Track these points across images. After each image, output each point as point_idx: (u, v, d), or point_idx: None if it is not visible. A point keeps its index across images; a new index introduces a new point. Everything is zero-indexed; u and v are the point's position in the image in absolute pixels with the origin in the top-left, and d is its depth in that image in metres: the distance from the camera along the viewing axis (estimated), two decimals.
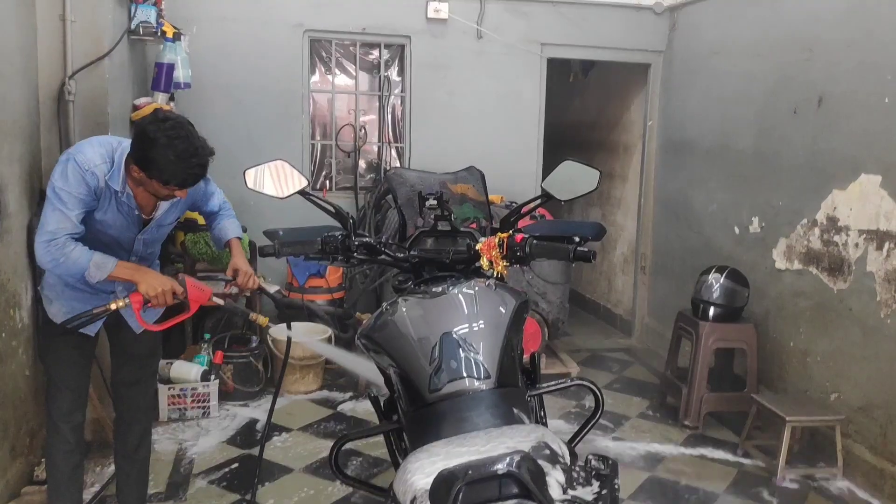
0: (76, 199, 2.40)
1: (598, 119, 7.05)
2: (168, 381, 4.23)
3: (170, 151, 2.34)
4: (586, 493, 1.37)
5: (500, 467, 1.25)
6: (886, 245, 3.59)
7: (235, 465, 3.76)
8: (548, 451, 1.43)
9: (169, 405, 4.20)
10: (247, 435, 4.11)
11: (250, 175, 2.22)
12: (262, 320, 2.74)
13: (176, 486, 3.50)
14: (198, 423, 4.22)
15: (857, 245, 3.78)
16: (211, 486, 3.54)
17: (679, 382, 4.52)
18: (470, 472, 1.24)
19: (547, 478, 1.34)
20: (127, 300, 2.43)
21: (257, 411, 4.41)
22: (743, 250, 4.77)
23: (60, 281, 2.63)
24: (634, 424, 4.49)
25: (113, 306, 2.42)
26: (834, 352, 3.96)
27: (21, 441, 3.23)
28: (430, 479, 1.30)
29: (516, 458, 1.27)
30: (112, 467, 3.37)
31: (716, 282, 4.36)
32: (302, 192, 2.22)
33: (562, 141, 7.23)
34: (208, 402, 4.29)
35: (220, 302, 2.59)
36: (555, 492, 1.33)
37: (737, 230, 4.85)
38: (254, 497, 3.34)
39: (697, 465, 3.96)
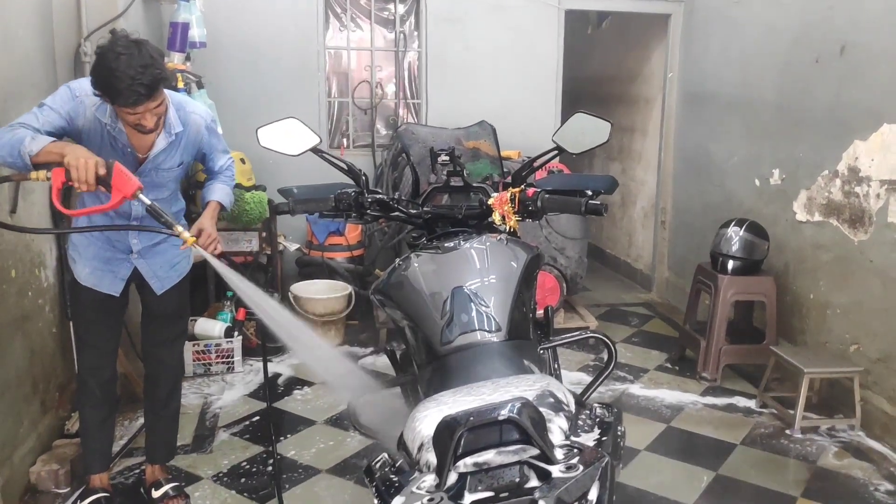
0: (53, 112, 2.40)
1: (618, 72, 6.95)
2: (193, 337, 4.31)
3: (114, 67, 2.25)
4: (588, 439, 1.40)
5: (502, 413, 1.28)
6: None
7: (257, 417, 3.86)
8: (551, 399, 1.45)
9: (194, 361, 4.29)
10: (270, 389, 4.19)
11: (263, 133, 2.25)
12: (187, 236, 2.48)
13: (202, 438, 3.60)
14: (222, 378, 4.32)
15: (878, 196, 3.73)
16: (235, 437, 3.63)
17: (698, 335, 4.53)
18: (472, 418, 1.27)
19: (549, 424, 1.37)
20: (48, 173, 2.30)
21: (281, 366, 4.50)
22: (763, 203, 4.72)
23: (83, 240, 2.69)
24: (653, 377, 4.52)
25: (32, 176, 2.30)
26: (854, 304, 3.94)
27: (51, 395, 3.33)
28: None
29: (517, 404, 1.29)
30: (141, 420, 3.48)
31: (735, 235, 4.34)
32: (314, 150, 2.24)
33: (580, 95, 7.15)
34: (232, 357, 4.38)
35: (147, 201, 2.39)
36: (556, 437, 1.36)
37: (757, 183, 4.80)
38: (274, 450, 3.43)
39: (715, 416, 3.98)
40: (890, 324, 3.68)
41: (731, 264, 4.33)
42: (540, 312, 2.19)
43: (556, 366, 2.21)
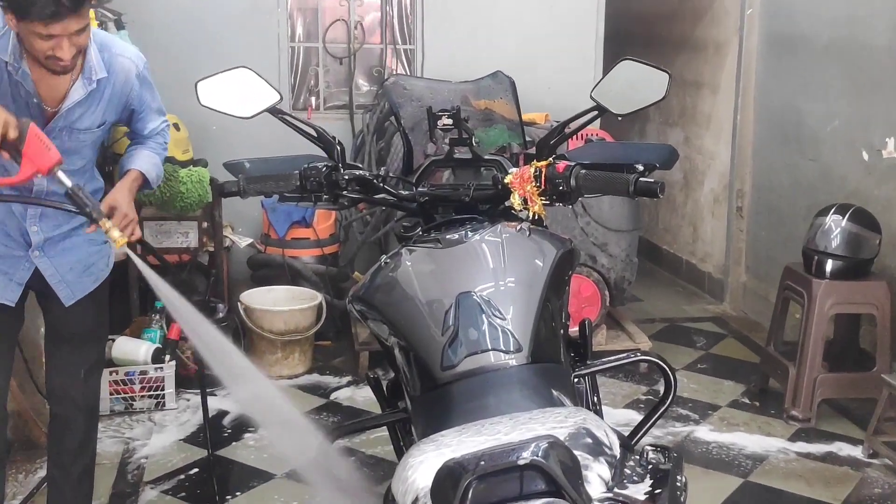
0: None
1: (679, 8, 6.96)
2: (110, 363, 4.33)
3: None
4: (637, 490, 1.42)
5: (522, 456, 1.29)
6: None
7: (196, 469, 3.88)
8: (589, 440, 1.47)
9: (112, 394, 4.31)
10: (213, 431, 4.21)
11: (205, 88, 2.26)
12: (116, 236, 2.47)
13: (121, 496, 3.63)
14: (149, 417, 4.34)
15: None
16: (166, 496, 3.65)
17: (786, 361, 4.54)
18: (482, 462, 1.28)
19: (585, 472, 1.39)
20: None
21: (226, 401, 4.51)
22: (874, 182, 4.74)
23: None
24: (725, 415, 4.54)
25: None
26: None
27: None
28: None
29: (543, 444, 1.31)
30: (41, 473, 3.50)
31: (836, 225, 4.35)
32: (272, 110, 2.25)
33: (629, 39, 7.17)
34: (162, 389, 4.40)
35: (67, 181, 2.38)
36: (595, 489, 1.38)
37: (866, 155, 4.81)
38: None
39: (808, 468, 4.01)
40: None
41: (830, 265, 4.35)
42: (574, 329, 2.20)
43: (595, 399, 2.22)
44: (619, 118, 2.26)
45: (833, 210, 4.42)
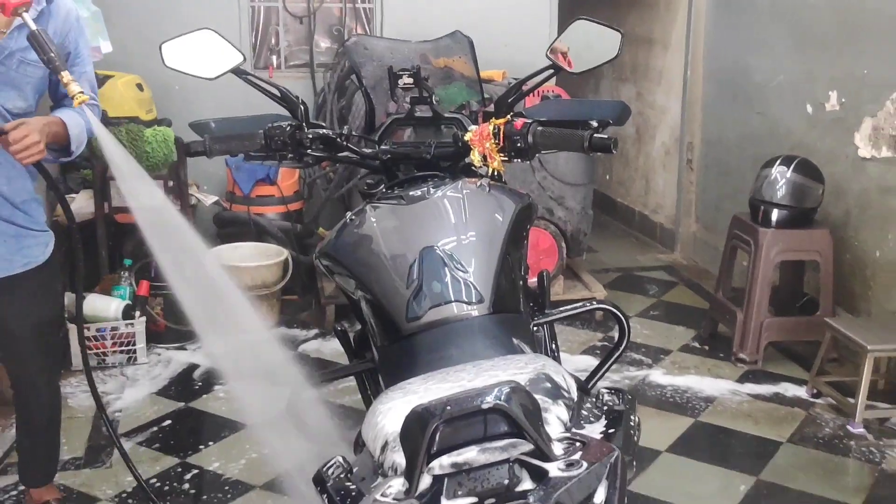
0: None
1: None
2: (83, 319, 4.30)
3: None
4: (593, 430, 1.45)
5: (486, 401, 1.32)
6: None
7: (169, 421, 3.89)
8: (548, 384, 1.50)
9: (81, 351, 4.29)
10: (184, 384, 4.25)
11: (169, 50, 2.24)
12: (75, 90, 2.34)
13: (97, 449, 3.63)
14: (122, 372, 4.34)
15: None
16: (140, 447, 3.66)
17: (733, 306, 4.62)
18: (448, 407, 1.31)
19: (545, 414, 1.42)
20: None
21: (197, 355, 4.52)
22: (817, 135, 4.80)
23: None
24: (677, 359, 4.62)
25: None
26: None
27: None
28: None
29: (505, 389, 1.33)
30: (13, 430, 3.48)
31: (781, 176, 4.40)
32: (236, 71, 2.23)
33: None
34: (134, 344, 4.39)
35: (32, 24, 2.25)
36: (554, 430, 1.41)
37: (810, 109, 4.86)
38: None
39: (755, 408, 4.09)
40: None
41: (775, 214, 4.41)
42: (533, 280, 2.23)
43: (553, 346, 2.26)
44: (575, 76, 2.28)
45: (778, 162, 4.47)
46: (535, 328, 2.03)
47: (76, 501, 3.22)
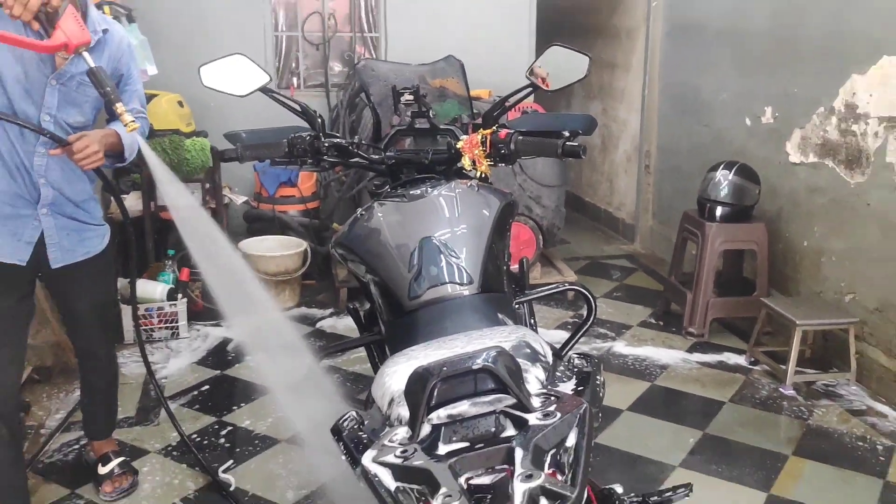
0: None
1: (597, 1, 6.94)
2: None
3: None
4: (566, 388, 1.47)
5: (476, 362, 1.34)
6: None
7: (207, 387, 3.91)
8: (528, 350, 1.52)
9: (133, 327, 4.29)
10: (219, 355, 4.25)
11: (206, 72, 2.24)
12: (128, 119, 2.31)
13: (146, 410, 3.64)
14: (167, 345, 4.34)
15: (876, 134, 3.83)
16: (183, 408, 3.68)
17: (684, 288, 4.64)
18: (445, 368, 1.33)
19: (525, 374, 1.43)
20: None
21: (231, 331, 4.52)
22: (755, 144, 4.81)
23: None
24: (636, 333, 4.63)
25: None
26: (850, 251, 4.07)
27: None
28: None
29: (492, 353, 1.35)
30: (76, 393, 3.50)
31: (724, 179, 4.42)
32: (263, 89, 2.24)
33: (557, 27, 7.12)
34: (176, 322, 4.40)
35: (91, 62, 2.22)
36: (533, 388, 1.42)
37: (748, 122, 4.88)
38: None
39: (702, 373, 4.12)
40: (888, 271, 3.82)
41: (719, 211, 4.43)
42: (514, 266, 2.25)
43: (532, 321, 2.27)
44: (550, 94, 2.29)
45: (722, 166, 4.49)
46: (516, 306, 2.04)
47: (129, 453, 3.22)
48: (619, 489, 1.63)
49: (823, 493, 3.07)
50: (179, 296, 4.44)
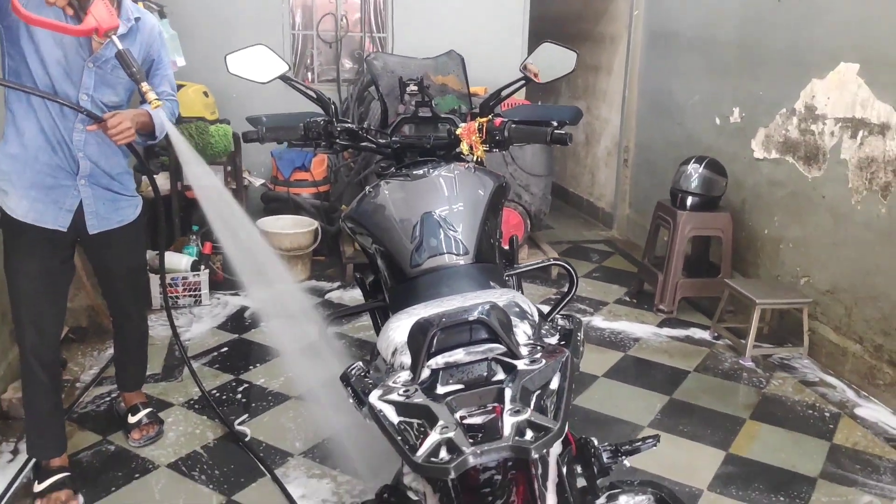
0: None
1: (584, 10, 6.92)
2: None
3: None
4: (550, 342, 1.48)
5: (472, 314, 1.36)
6: (861, 133, 3.65)
7: (226, 348, 3.91)
8: (517, 308, 1.53)
9: (161, 294, 4.30)
10: (237, 321, 4.25)
11: (231, 60, 2.24)
12: (153, 97, 2.32)
13: (171, 368, 3.65)
14: (190, 311, 4.34)
15: (832, 133, 3.83)
16: (205, 367, 3.69)
17: (656, 270, 4.66)
18: (443, 319, 1.35)
19: (515, 328, 1.45)
20: None
21: (248, 300, 4.53)
22: (723, 141, 4.82)
23: (15, 166, 2.42)
24: (612, 310, 4.65)
25: None
26: (806, 238, 4.08)
27: None
28: None
29: (486, 306, 1.37)
30: (111, 350, 3.50)
31: (695, 171, 4.43)
32: (283, 77, 2.23)
33: (547, 33, 7.08)
34: (199, 290, 4.40)
35: (119, 45, 2.21)
36: (521, 340, 1.44)
37: (717, 121, 4.88)
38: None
39: (670, 346, 4.14)
40: (838, 257, 3.84)
41: (689, 200, 4.44)
42: (506, 246, 2.26)
43: (520, 293, 2.28)
44: (541, 94, 2.29)
45: (693, 160, 4.49)
46: (506, 278, 2.06)
47: (156, 405, 3.23)
48: (595, 441, 1.65)
49: (776, 453, 3.10)
50: (202, 267, 4.44)
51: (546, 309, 1.92)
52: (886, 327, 3.54)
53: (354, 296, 4.62)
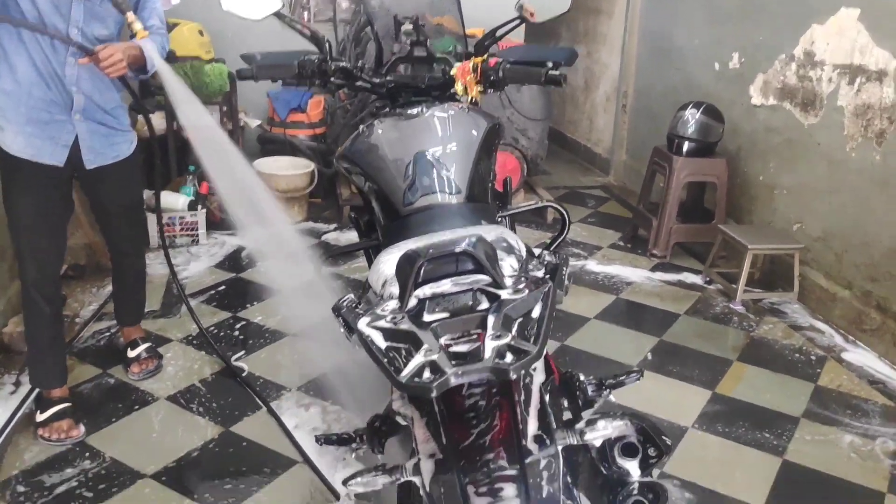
0: None
1: None
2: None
3: None
4: (537, 275, 1.51)
5: (459, 246, 1.39)
6: (858, 79, 3.63)
7: (223, 286, 3.96)
8: (505, 244, 1.56)
9: (158, 232, 4.32)
10: (234, 260, 4.29)
11: None
12: (138, 28, 2.41)
13: (169, 305, 3.70)
14: (188, 250, 4.38)
15: (830, 80, 3.82)
16: (202, 304, 3.74)
17: (650, 215, 4.68)
18: (431, 251, 1.38)
19: (501, 262, 1.48)
20: None
21: (244, 240, 4.55)
22: (722, 87, 4.79)
23: (9, 102, 2.43)
24: (606, 254, 4.69)
25: None
26: (799, 185, 4.10)
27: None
28: None
29: (473, 239, 1.40)
30: (109, 287, 3.55)
31: (692, 117, 4.41)
32: (277, 14, 2.22)
33: None
34: (196, 230, 4.43)
35: None
36: (507, 272, 1.47)
37: (717, 66, 4.84)
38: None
39: (662, 289, 4.19)
40: (831, 203, 3.86)
41: (686, 146, 4.43)
42: (499, 188, 2.26)
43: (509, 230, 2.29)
44: (538, 24, 2.27)
45: (690, 106, 4.47)
46: (499, 219, 2.07)
47: (155, 341, 3.29)
48: (580, 375, 1.69)
49: (761, 393, 3.17)
50: (199, 207, 4.45)
51: (538, 252, 1.94)
52: (875, 273, 3.59)
53: (351, 238, 4.64)
